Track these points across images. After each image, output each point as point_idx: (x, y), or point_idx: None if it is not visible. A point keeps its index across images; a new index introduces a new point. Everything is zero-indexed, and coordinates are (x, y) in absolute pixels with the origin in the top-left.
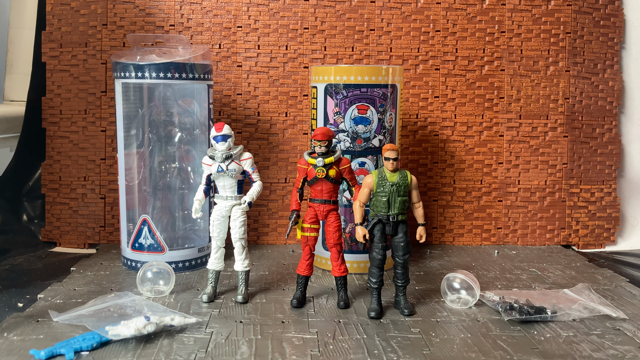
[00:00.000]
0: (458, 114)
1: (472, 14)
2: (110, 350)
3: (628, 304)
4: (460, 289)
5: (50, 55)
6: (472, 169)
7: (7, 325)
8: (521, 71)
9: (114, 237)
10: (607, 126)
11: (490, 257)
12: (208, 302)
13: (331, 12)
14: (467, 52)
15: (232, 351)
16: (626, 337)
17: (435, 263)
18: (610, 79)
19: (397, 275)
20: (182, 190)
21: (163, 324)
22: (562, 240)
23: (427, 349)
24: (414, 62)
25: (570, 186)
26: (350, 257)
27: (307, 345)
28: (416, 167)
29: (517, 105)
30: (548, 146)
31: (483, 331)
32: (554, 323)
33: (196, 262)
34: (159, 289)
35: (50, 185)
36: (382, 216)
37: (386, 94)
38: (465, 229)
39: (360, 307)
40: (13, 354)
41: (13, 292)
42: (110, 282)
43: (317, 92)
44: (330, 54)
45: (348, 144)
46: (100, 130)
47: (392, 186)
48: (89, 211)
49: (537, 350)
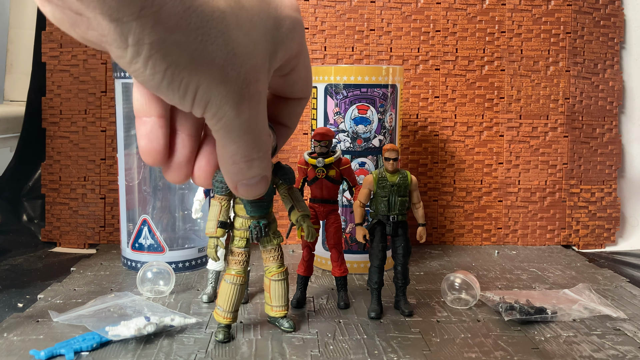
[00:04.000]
0: (458, 114)
1: (472, 14)
2: (110, 350)
3: (628, 304)
4: (461, 289)
5: (50, 55)
6: (472, 169)
7: (7, 325)
8: (521, 71)
9: (114, 237)
10: (607, 126)
11: (490, 257)
12: (208, 302)
13: (331, 12)
14: (467, 52)
15: (232, 351)
16: (626, 337)
17: (435, 263)
18: (611, 79)
19: (397, 275)
20: (182, 190)
21: (163, 324)
22: (562, 240)
23: (427, 349)
24: (414, 62)
25: (570, 186)
26: (350, 257)
27: (307, 346)
28: (416, 167)
29: (517, 105)
30: (548, 146)
31: (483, 331)
32: (554, 323)
33: (196, 262)
34: (159, 289)
35: (50, 185)
36: (382, 216)
37: (386, 94)
38: (465, 229)
39: (360, 307)
40: (13, 354)
41: (13, 292)
42: (110, 282)
43: (317, 92)
44: (330, 54)
45: (348, 144)
46: (100, 130)
47: (392, 186)
48: (89, 211)
49: (537, 350)
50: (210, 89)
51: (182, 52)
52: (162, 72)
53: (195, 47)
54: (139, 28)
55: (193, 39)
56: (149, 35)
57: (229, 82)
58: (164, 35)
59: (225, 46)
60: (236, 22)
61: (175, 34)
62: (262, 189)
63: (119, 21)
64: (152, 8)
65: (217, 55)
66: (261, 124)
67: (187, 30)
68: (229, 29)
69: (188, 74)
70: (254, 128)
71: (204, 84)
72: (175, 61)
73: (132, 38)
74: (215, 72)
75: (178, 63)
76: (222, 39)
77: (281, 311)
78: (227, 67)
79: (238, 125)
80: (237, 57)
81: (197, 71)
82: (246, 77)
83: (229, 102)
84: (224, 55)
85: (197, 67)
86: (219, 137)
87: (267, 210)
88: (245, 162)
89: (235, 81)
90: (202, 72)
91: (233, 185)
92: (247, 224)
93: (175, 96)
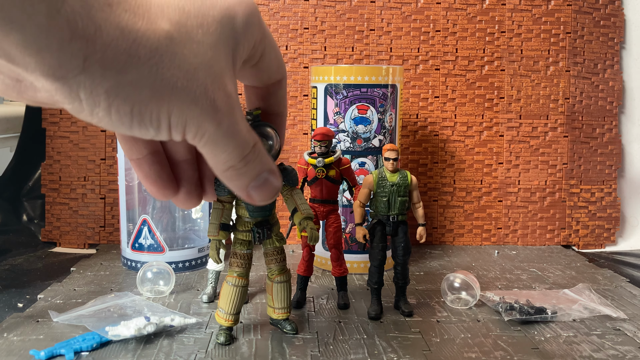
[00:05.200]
0: (458, 114)
1: (472, 14)
2: (110, 350)
3: (628, 304)
4: (461, 289)
5: None
6: (472, 169)
7: (7, 326)
8: (521, 71)
9: (114, 237)
10: (607, 126)
11: (490, 257)
12: (208, 302)
13: (331, 12)
14: (467, 52)
15: (232, 351)
16: (626, 337)
17: (435, 263)
18: (611, 79)
19: (397, 275)
20: None
21: (163, 324)
22: (562, 240)
23: (427, 349)
24: (414, 62)
25: (570, 186)
26: (350, 257)
27: (307, 346)
28: (416, 167)
29: (517, 105)
30: (548, 146)
31: (483, 331)
32: (554, 323)
33: (196, 262)
34: (159, 289)
35: (50, 185)
36: (382, 216)
37: (386, 94)
38: (465, 229)
39: (360, 307)
40: (13, 354)
41: (13, 292)
42: (110, 282)
43: (317, 92)
44: (330, 54)
45: (348, 144)
46: (100, 130)
47: (392, 186)
48: (89, 211)
49: (537, 350)
50: (183, 113)
51: (142, 88)
52: (129, 114)
53: (153, 79)
54: (88, 80)
55: (147, 71)
56: (101, 84)
57: (198, 99)
58: (117, 78)
59: (183, 65)
60: (186, 35)
61: (128, 73)
62: (275, 186)
63: (64, 79)
64: (96, 55)
65: (178, 78)
66: (241, 123)
67: (138, 65)
68: (181, 47)
69: (156, 107)
70: (237, 130)
71: (175, 111)
72: (138, 99)
73: (84, 92)
74: (182, 95)
75: (141, 100)
76: (177, 60)
77: (283, 313)
78: (191, 85)
79: (222, 135)
80: (199, 71)
81: (164, 101)
82: (214, 87)
83: (206, 119)
84: (184, 74)
85: (161, 97)
86: (207, 151)
87: (269, 212)
88: (241, 162)
89: (204, 96)
90: (169, 100)
91: (244, 193)
92: (249, 226)
93: (150, 131)
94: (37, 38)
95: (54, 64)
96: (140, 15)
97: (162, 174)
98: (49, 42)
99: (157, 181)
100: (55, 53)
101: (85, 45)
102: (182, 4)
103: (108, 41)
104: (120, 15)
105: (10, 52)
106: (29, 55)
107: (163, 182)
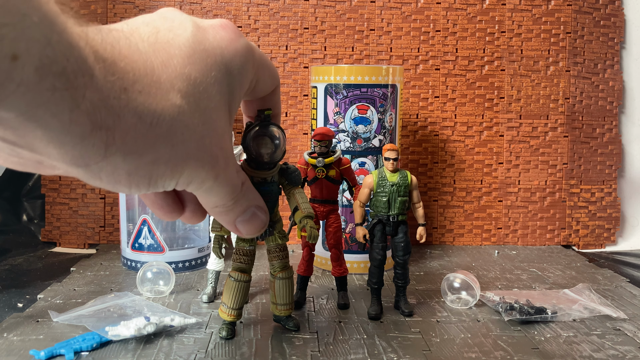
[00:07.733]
0: (458, 114)
1: (472, 14)
2: (110, 350)
3: (628, 304)
4: (461, 289)
5: None
6: (472, 169)
7: (7, 325)
8: (521, 71)
9: (114, 237)
10: (607, 126)
11: (490, 257)
12: (208, 302)
13: (331, 12)
14: (467, 52)
15: (232, 351)
16: (626, 337)
17: (435, 263)
18: (611, 79)
19: (397, 275)
20: None
21: (163, 324)
22: (562, 240)
23: (427, 349)
24: (414, 62)
25: (570, 186)
26: (350, 257)
27: (307, 345)
28: (416, 167)
29: (517, 105)
30: (548, 146)
31: (483, 331)
32: (554, 323)
33: (196, 262)
34: (159, 289)
35: (50, 185)
36: (382, 216)
37: (386, 94)
38: (465, 229)
39: (360, 307)
40: (13, 354)
41: (13, 292)
42: (110, 282)
43: (317, 92)
44: (330, 54)
45: (348, 144)
46: None
47: (392, 186)
48: (89, 211)
49: (537, 350)
50: (191, 176)
51: (159, 164)
52: (147, 185)
53: (170, 155)
54: (109, 166)
55: (164, 149)
56: (123, 167)
57: (205, 164)
58: (137, 162)
59: (193, 136)
60: (195, 105)
61: (148, 154)
62: (262, 219)
63: (87, 167)
64: (116, 144)
65: (190, 148)
66: (233, 171)
67: (156, 145)
68: (190, 117)
69: (170, 176)
70: (230, 179)
71: (185, 174)
72: (156, 174)
73: (106, 175)
74: (192, 162)
75: (158, 174)
76: (187, 132)
77: (286, 310)
78: (200, 154)
79: (217, 185)
80: (205, 138)
81: (177, 170)
82: (217, 149)
83: (208, 176)
84: (195, 144)
85: (175, 167)
86: (201, 195)
87: (272, 210)
88: (230, 201)
89: (209, 158)
90: (182, 168)
91: (232, 227)
92: None
93: (159, 190)
94: (59, 134)
95: (76, 154)
96: (153, 95)
97: (168, 199)
98: (72, 137)
99: (164, 206)
100: (78, 146)
101: (105, 135)
102: (187, 72)
103: (127, 128)
104: (136, 99)
105: (34, 145)
106: (53, 148)
107: (169, 207)
